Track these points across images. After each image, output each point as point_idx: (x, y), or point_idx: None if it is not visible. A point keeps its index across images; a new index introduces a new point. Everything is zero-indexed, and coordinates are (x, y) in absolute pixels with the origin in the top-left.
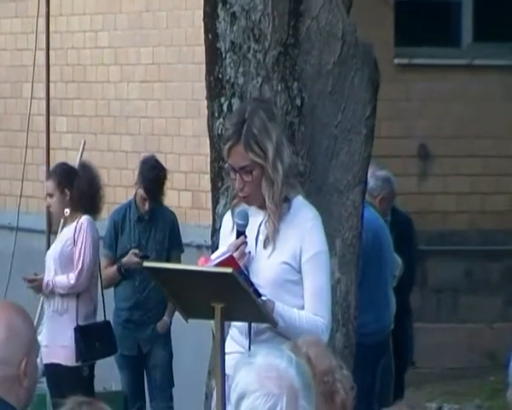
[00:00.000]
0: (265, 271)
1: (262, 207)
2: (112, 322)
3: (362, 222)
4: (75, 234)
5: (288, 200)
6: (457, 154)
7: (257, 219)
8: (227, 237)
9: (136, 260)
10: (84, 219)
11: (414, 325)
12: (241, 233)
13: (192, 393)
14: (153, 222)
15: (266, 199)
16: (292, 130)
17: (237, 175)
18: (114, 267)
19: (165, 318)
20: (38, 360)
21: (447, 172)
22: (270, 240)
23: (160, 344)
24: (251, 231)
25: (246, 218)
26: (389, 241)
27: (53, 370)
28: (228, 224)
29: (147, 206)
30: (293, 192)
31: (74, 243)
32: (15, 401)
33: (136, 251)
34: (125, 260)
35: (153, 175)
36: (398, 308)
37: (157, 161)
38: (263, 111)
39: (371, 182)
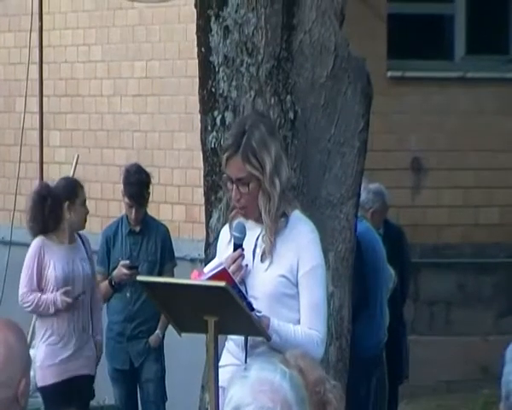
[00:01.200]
0: (262, 284)
1: (259, 220)
2: (104, 336)
3: (355, 235)
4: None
5: (285, 215)
6: (450, 167)
7: (254, 233)
8: (224, 250)
9: (125, 271)
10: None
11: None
12: (238, 246)
13: (185, 407)
14: (144, 235)
15: (262, 213)
16: (285, 143)
17: (234, 186)
18: (106, 282)
19: (157, 332)
20: (32, 373)
21: (440, 185)
22: (267, 254)
23: (153, 358)
24: (248, 245)
25: (243, 231)
26: (383, 254)
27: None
28: (225, 237)
29: (133, 213)
30: (291, 207)
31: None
32: None
33: (126, 262)
34: (115, 272)
35: (134, 179)
36: (392, 321)
37: (139, 167)
38: (263, 125)
39: (363, 195)
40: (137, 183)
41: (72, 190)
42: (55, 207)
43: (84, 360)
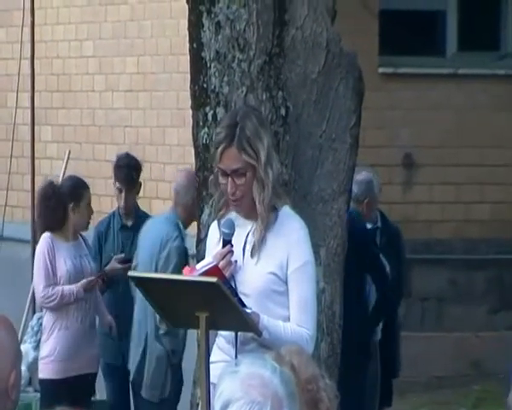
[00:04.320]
0: (252, 281)
1: (249, 216)
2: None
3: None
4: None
5: (275, 209)
6: (442, 163)
7: (244, 230)
8: (213, 248)
9: (119, 266)
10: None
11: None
12: (227, 242)
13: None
14: (136, 230)
15: (257, 202)
16: (276, 139)
17: (229, 179)
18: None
19: None
20: (23, 367)
21: (432, 182)
22: (257, 247)
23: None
24: (238, 242)
25: (232, 227)
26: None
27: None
28: (214, 234)
29: (123, 199)
30: (280, 202)
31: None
32: None
33: (120, 256)
34: (108, 267)
35: (123, 162)
36: (387, 317)
37: (129, 154)
38: (254, 116)
39: (355, 189)
40: (126, 166)
41: (77, 191)
42: (58, 208)
43: (89, 359)
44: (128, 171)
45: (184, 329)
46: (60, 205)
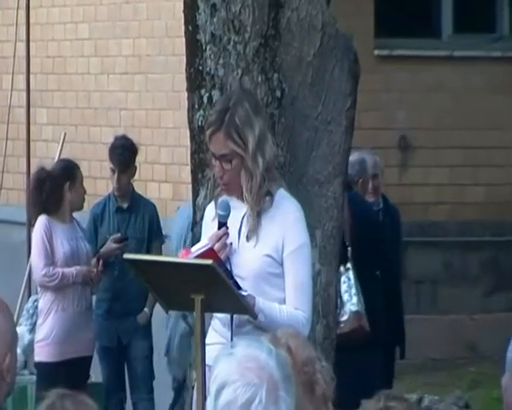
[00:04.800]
0: (248, 263)
1: (243, 199)
2: (93, 313)
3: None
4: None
5: (270, 194)
6: (437, 145)
7: (240, 212)
8: (209, 228)
9: (115, 245)
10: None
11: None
12: (222, 224)
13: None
14: (132, 212)
15: (244, 191)
16: (272, 121)
17: (217, 162)
18: (94, 259)
19: (145, 309)
20: (19, 350)
21: (427, 164)
22: (252, 233)
23: (141, 336)
24: (234, 224)
25: (227, 208)
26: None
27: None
28: (210, 215)
29: (115, 180)
30: (276, 186)
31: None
32: None
33: (116, 236)
34: (103, 249)
35: (117, 143)
36: (390, 297)
37: (126, 136)
38: (248, 102)
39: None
40: (120, 146)
41: (71, 170)
42: (54, 190)
43: (85, 342)
44: (122, 152)
45: (179, 311)
46: (55, 187)
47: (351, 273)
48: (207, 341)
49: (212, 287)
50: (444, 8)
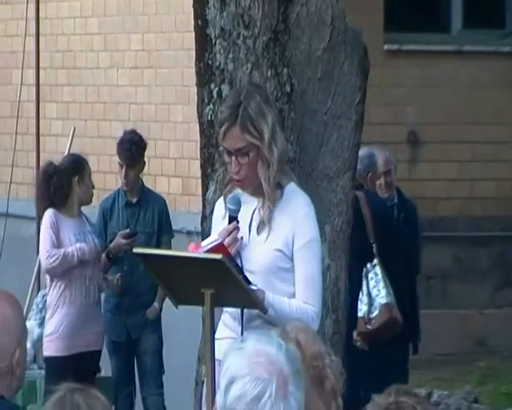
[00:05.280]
0: (258, 258)
1: (255, 193)
2: (102, 308)
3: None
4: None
5: (280, 186)
6: (447, 140)
7: (250, 207)
8: (219, 224)
9: (124, 241)
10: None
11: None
12: (233, 219)
13: (182, 379)
14: (141, 206)
15: (262, 181)
16: (281, 116)
17: (233, 158)
18: (103, 254)
19: (155, 304)
20: (28, 345)
21: (437, 159)
22: (266, 224)
23: (150, 330)
24: (244, 219)
25: (238, 203)
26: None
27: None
28: (220, 210)
29: (123, 174)
30: (286, 179)
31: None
32: (6, 389)
33: (125, 231)
34: (113, 244)
35: (126, 138)
36: (407, 293)
37: (135, 130)
38: (258, 94)
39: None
40: (128, 141)
41: (79, 164)
42: (61, 184)
43: (94, 336)
44: (129, 146)
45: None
46: (63, 181)
47: (378, 269)
48: (217, 335)
49: (221, 281)
50: (453, 4)
